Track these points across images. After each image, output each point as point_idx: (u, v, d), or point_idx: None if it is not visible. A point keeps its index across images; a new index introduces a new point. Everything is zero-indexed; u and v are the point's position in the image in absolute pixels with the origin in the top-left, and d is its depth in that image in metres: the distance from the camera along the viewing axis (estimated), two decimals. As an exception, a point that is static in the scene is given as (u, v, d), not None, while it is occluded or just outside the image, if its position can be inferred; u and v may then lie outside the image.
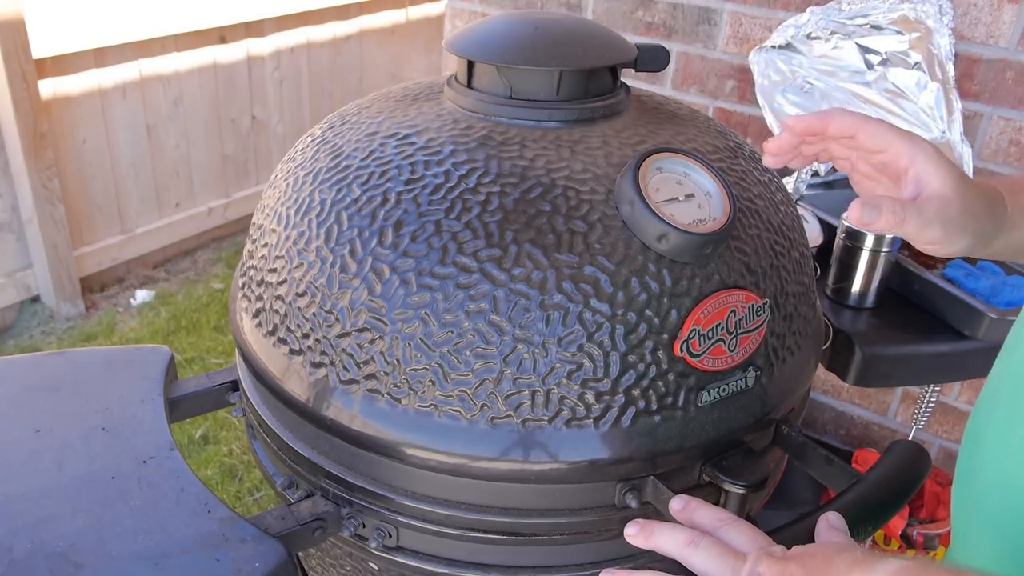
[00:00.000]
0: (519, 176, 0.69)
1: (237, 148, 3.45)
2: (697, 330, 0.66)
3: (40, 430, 0.76)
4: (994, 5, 1.49)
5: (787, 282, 0.75)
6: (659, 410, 0.67)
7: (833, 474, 0.76)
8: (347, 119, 0.82)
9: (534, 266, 0.65)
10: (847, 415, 1.92)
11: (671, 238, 0.65)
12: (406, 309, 0.65)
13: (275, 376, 0.74)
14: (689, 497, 0.63)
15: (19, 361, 0.88)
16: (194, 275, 3.25)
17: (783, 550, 0.54)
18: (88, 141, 2.89)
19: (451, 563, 0.73)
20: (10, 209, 2.73)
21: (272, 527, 0.69)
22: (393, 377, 0.66)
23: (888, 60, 1.52)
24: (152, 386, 0.83)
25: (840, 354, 1.09)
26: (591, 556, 0.73)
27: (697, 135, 0.79)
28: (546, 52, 0.74)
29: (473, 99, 0.77)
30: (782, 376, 0.75)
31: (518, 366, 0.64)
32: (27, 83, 2.57)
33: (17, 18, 2.52)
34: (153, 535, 0.65)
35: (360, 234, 0.69)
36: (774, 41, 1.60)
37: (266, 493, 2.11)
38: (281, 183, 0.80)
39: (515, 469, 0.66)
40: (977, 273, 1.18)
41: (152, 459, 0.73)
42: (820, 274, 1.19)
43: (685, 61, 1.87)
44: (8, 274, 2.79)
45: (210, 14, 3.10)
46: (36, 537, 0.65)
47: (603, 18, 1.93)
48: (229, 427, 2.33)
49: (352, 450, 0.70)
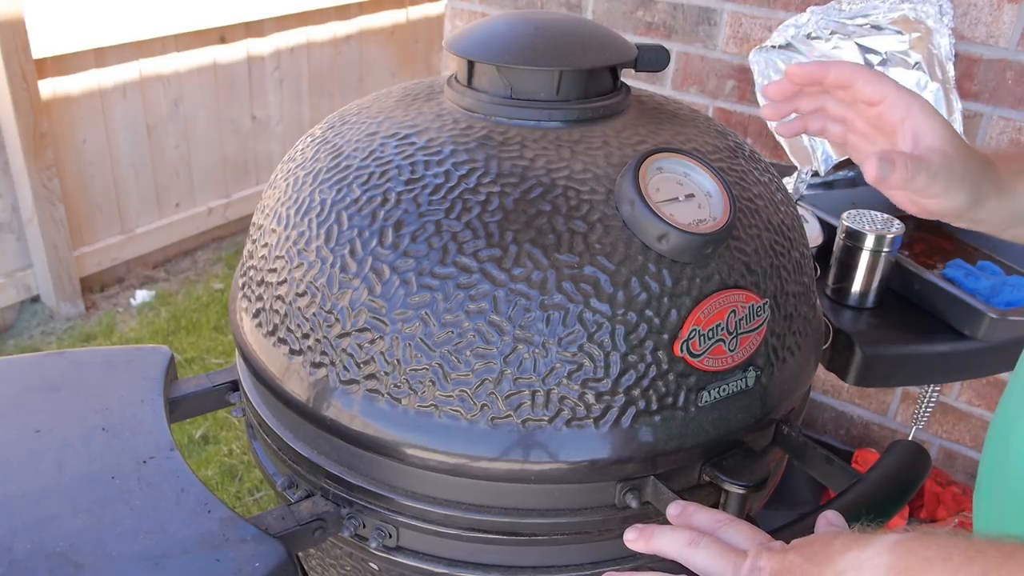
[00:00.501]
0: (519, 176, 0.69)
1: (237, 148, 3.45)
2: (697, 330, 0.66)
3: (40, 430, 0.76)
4: (994, 5, 1.49)
5: (787, 282, 0.75)
6: (659, 410, 0.67)
7: (833, 474, 0.76)
8: (347, 119, 0.82)
9: (534, 266, 0.65)
10: (847, 415, 1.92)
11: (671, 238, 0.65)
12: (406, 309, 0.65)
13: (275, 376, 0.74)
14: (686, 502, 0.64)
15: (19, 361, 0.88)
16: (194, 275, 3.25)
17: (783, 544, 0.54)
18: (88, 141, 2.89)
19: (451, 563, 0.73)
20: (10, 209, 2.73)
21: (272, 527, 0.69)
22: (393, 377, 0.66)
23: (888, 60, 1.52)
24: (152, 386, 0.83)
25: (840, 354, 1.09)
26: (591, 556, 0.73)
27: (697, 135, 0.79)
28: (546, 52, 0.74)
29: (473, 99, 0.77)
30: (782, 376, 0.75)
31: (518, 366, 0.64)
32: (27, 83, 2.57)
33: (17, 18, 2.52)
34: (153, 535, 0.65)
35: (360, 234, 0.69)
36: (774, 41, 1.60)
37: (266, 493, 2.11)
38: (281, 183, 0.80)
39: (515, 469, 0.66)
40: (977, 273, 1.18)
41: (152, 459, 0.73)
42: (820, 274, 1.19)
43: (685, 61, 1.87)
44: (8, 274, 2.79)
45: (210, 14, 3.10)
46: (36, 537, 0.65)
47: (603, 18, 1.93)
48: (229, 427, 2.33)
49: (352, 450, 0.70)
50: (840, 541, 0.50)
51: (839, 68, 0.67)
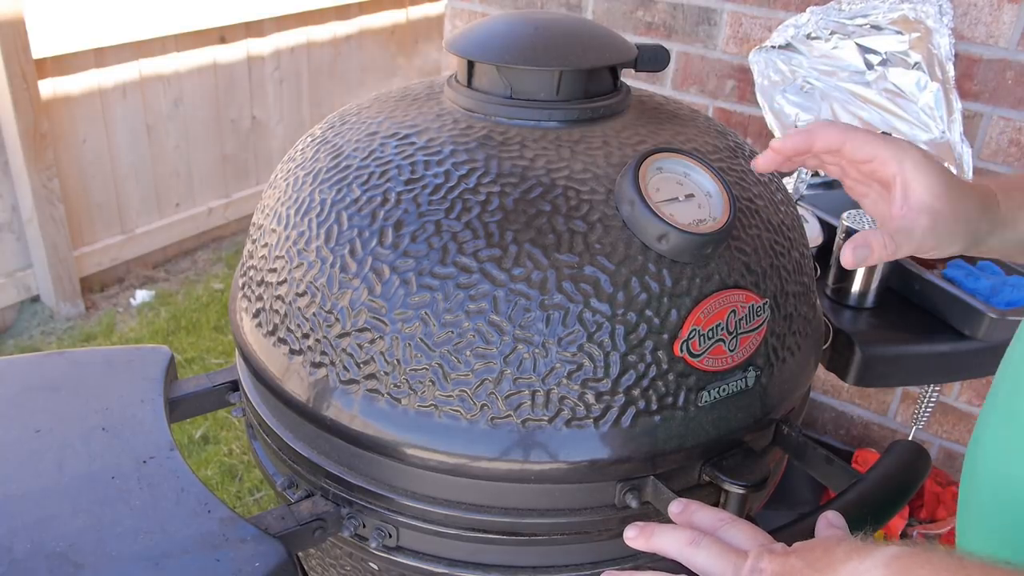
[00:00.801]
0: (519, 176, 0.69)
1: (237, 148, 3.45)
2: (697, 330, 0.66)
3: (40, 430, 0.76)
4: (994, 5, 1.49)
5: (787, 282, 0.75)
6: (659, 410, 0.67)
7: (833, 474, 0.76)
8: (347, 119, 0.82)
9: (534, 266, 0.65)
10: (847, 415, 1.92)
11: (671, 238, 0.65)
12: (406, 309, 0.65)
13: (275, 376, 0.74)
14: (688, 500, 0.64)
15: (19, 361, 0.88)
16: (194, 275, 3.25)
17: (784, 547, 0.54)
18: (88, 141, 2.89)
19: (451, 563, 0.73)
20: (10, 209, 2.73)
21: (272, 527, 0.69)
22: (393, 377, 0.66)
23: (888, 60, 1.52)
24: (152, 386, 0.83)
25: (840, 354, 1.09)
26: (591, 556, 0.73)
27: (697, 135, 0.79)
28: (546, 52, 0.74)
29: (473, 99, 0.77)
30: (782, 376, 0.75)
31: (518, 366, 0.64)
32: (27, 83, 2.57)
33: (17, 18, 2.52)
34: (153, 535, 0.65)
35: (360, 234, 0.69)
36: (774, 41, 1.60)
37: (266, 493, 2.11)
38: (281, 183, 0.80)
39: (515, 469, 0.66)
40: (977, 273, 1.18)
41: (152, 459, 0.73)
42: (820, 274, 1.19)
43: (685, 61, 1.87)
44: (8, 274, 2.79)
45: (210, 14, 3.10)
46: (36, 537, 0.65)
47: (603, 18, 1.93)
48: (229, 427, 2.33)
49: (352, 450, 0.70)
50: (842, 549, 0.50)
51: (825, 134, 0.66)
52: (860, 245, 0.62)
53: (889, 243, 0.63)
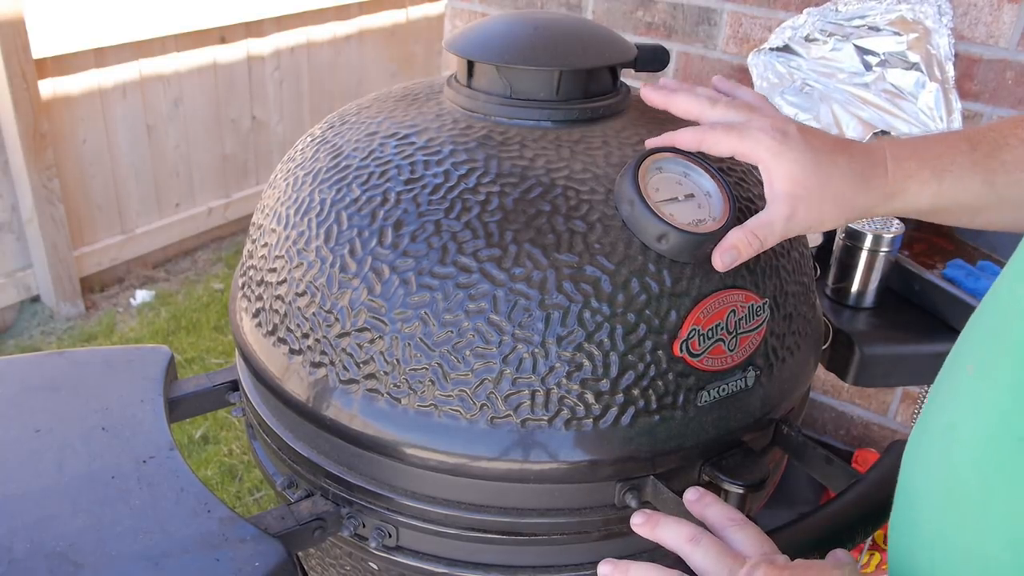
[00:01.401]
0: (519, 176, 0.69)
1: (237, 148, 3.45)
2: (697, 330, 0.66)
3: (40, 430, 0.76)
4: (994, 5, 1.49)
5: (787, 282, 0.75)
6: (659, 410, 0.67)
7: (833, 474, 0.76)
8: (347, 119, 0.82)
9: (534, 266, 0.65)
10: (847, 415, 1.92)
11: (671, 238, 0.65)
12: (406, 309, 0.65)
13: (275, 376, 0.74)
14: (706, 491, 0.63)
15: (19, 361, 0.88)
16: (194, 275, 3.25)
17: (786, 560, 0.54)
18: (88, 141, 2.89)
19: (451, 563, 0.73)
20: (10, 209, 2.73)
21: (272, 527, 0.69)
22: (393, 377, 0.66)
23: (886, 61, 1.52)
24: (152, 386, 0.83)
25: (840, 354, 1.09)
26: (591, 556, 0.73)
27: (697, 135, 0.79)
28: (546, 52, 0.74)
29: (473, 99, 0.77)
30: (782, 376, 0.75)
31: (518, 366, 0.64)
32: (27, 83, 2.57)
33: (17, 18, 2.52)
34: (153, 535, 0.65)
35: (360, 234, 0.69)
36: (772, 43, 1.60)
37: (266, 493, 2.11)
38: (281, 183, 0.80)
39: (515, 469, 0.66)
40: (977, 273, 1.18)
41: (152, 459, 0.74)
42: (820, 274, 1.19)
43: (685, 61, 1.87)
44: (8, 274, 2.79)
45: (210, 14, 3.10)
46: (36, 537, 0.65)
47: (603, 18, 1.93)
48: (229, 427, 2.33)
49: (352, 450, 0.70)
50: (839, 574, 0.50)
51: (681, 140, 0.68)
52: (726, 249, 0.65)
53: (753, 240, 0.64)
